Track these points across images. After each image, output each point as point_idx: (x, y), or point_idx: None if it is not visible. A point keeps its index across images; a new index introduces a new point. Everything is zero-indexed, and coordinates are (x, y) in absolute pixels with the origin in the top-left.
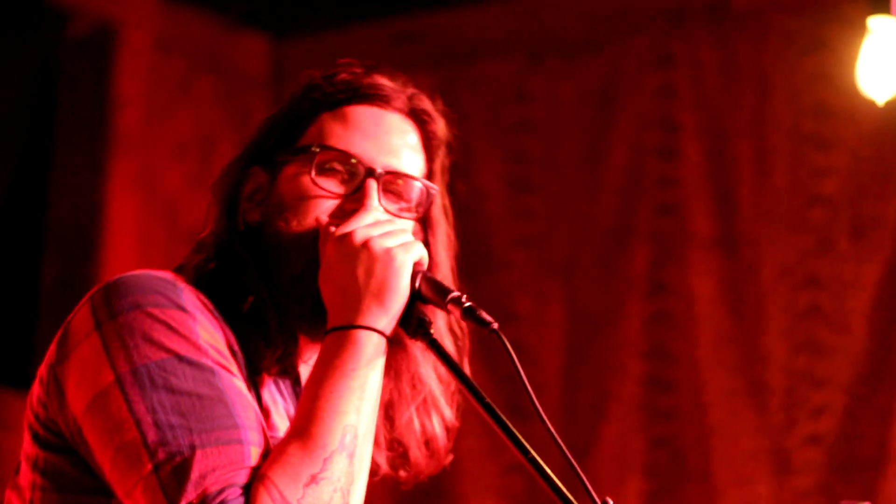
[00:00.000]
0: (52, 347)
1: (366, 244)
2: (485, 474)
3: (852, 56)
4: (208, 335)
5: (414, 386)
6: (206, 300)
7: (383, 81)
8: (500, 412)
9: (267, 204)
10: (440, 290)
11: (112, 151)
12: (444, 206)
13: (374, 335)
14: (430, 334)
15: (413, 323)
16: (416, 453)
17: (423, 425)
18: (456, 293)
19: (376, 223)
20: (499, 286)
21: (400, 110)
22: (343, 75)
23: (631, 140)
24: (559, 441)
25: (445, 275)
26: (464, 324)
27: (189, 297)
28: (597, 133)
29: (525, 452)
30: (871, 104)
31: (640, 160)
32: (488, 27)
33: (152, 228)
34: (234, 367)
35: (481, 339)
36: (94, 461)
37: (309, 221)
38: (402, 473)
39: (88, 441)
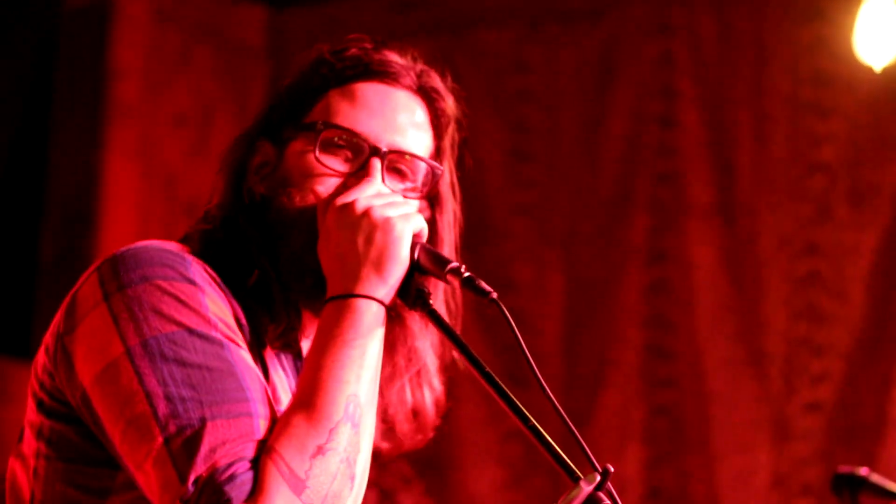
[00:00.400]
0: (59, 316)
1: (366, 213)
2: (483, 441)
3: (849, 24)
4: (217, 308)
5: (410, 359)
6: (213, 273)
7: (393, 58)
8: (500, 381)
9: (273, 178)
10: (439, 261)
11: (110, 122)
12: (451, 184)
13: (374, 304)
14: (430, 304)
15: (412, 294)
16: (403, 426)
17: (414, 398)
18: (455, 263)
19: (378, 194)
20: (498, 255)
21: (408, 87)
22: (353, 51)
23: (630, 109)
24: (560, 409)
25: (449, 253)
26: (458, 299)
27: (197, 269)
28: (596, 102)
29: (525, 420)
30: (869, 71)
31: (639, 129)
32: None
33: (151, 199)
34: (241, 340)
35: (480, 310)
36: (104, 432)
37: (311, 198)
38: (384, 445)
39: (98, 412)
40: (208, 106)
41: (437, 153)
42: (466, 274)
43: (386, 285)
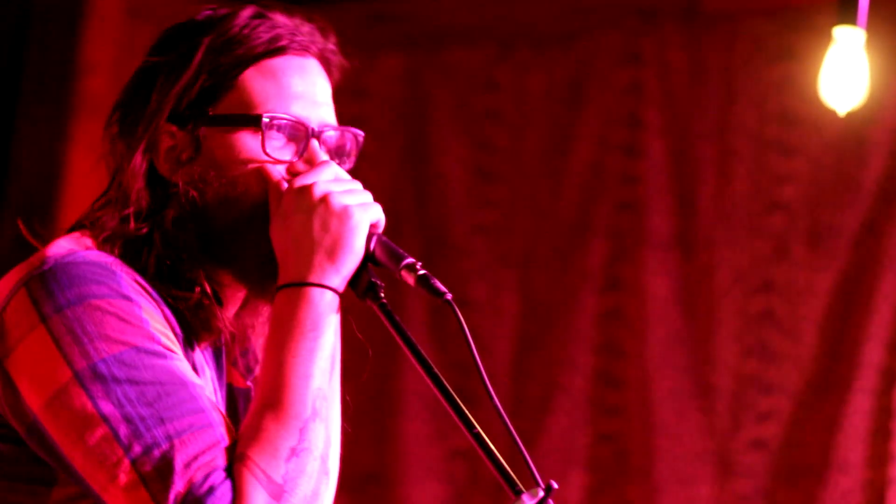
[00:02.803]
0: None
1: (325, 198)
2: (428, 458)
3: (819, 65)
4: (153, 320)
5: None
6: (138, 278)
7: (288, 23)
8: (446, 383)
9: (193, 166)
10: (395, 256)
11: (77, 117)
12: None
13: (328, 293)
14: (381, 298)
15: (364, 285)
16: None
17: None
18: (410, 259)
19: (336, 179)
20: (455, 272)
21: (314, 55)
22: (251, 26)
23: (596, 135)
24: (506, 420)
25: None
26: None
27: (127, 282)
28: (562, 126)
29: (470, 427)
30: (836, 113)
31: (603, 156)
32: (459, 14)
33: None
34: (179, 349)
35: (436, 323)
36: (60, 457)
37: (256, 185)
38: None
39: (52, 438)
40: None
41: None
42: (422, 272)
43: (339, 274)
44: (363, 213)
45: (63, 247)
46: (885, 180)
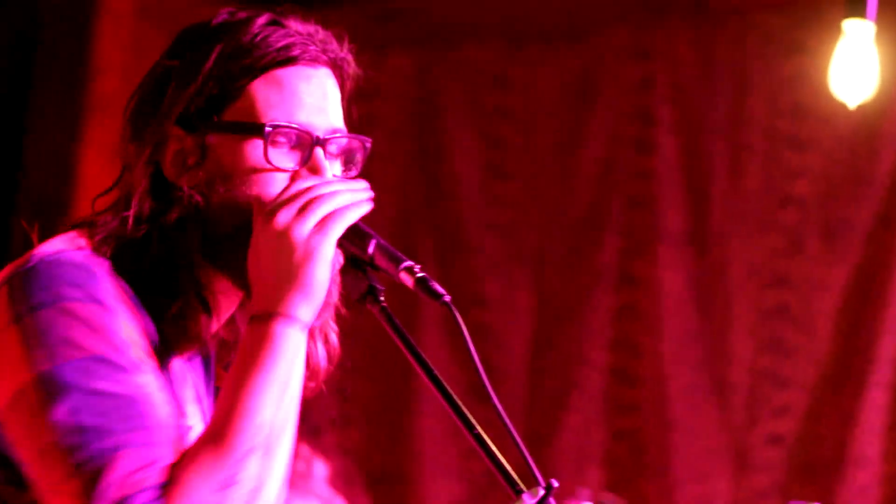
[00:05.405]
0: None
1: (285, 233)
2: (445, 456)
3: (830, 58)
4: (126, 329)
5: None
6: (123, 283)
7: (300, 31)
8: (446, 385)
9: (198, 172)
10: (393, 258)
11: (88, 118)
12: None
13: (295, 328)
14: (381, 302)
15: (364, 290)
16: None
17: (307, 350)
18: (409, 262)
19: (295, 197)
20: (469, 270)
21: (325, 64)
22: (263, 33)
23: (607, 131)
24: (503, 416)
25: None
26: None
27: (106, 287)
28: (574, 123)
29: (470, 428)
30: (847, 107)
31: (615, 152)
32: (469, 11)
33: None
34: (150, 362)
35: (451, 323)
36: (19, 457)
37: (259, 192)
38: None
39: (11, 436)
40: None
41: (348, 119)
42: (420, 274)
43: (310, 306)
44: (325, 238)
45: (53, 246)
46: None
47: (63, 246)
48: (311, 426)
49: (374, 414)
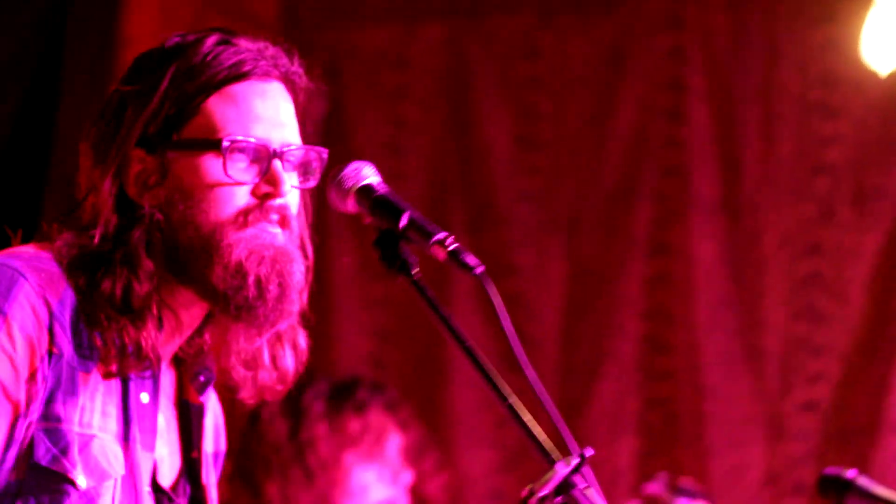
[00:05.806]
0: None
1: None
2: (479, 425)
3: (861, 27)
4: (15, 342)
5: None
6: (65, 296)
7: (250, 48)
8: (480, 355)
9: (159, 190)
10: (425, 232)
11: None
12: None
13: None
14: (413, 275)
15: (397, 262)
16: (264, 378)
17: (274, 355)
18: (441, 235)
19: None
20: (501, 240)
21: (277, 78)
22: (214, 52)
23: (639, 100)
24: (538, 386)
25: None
26: None
27: (23, 294)
28: (605, 92)
29: (504, 399)
30: (878, 75)
31: (647, 121)
32: None
33: None
34: (24, 377)
35: (485, 298)
36: None
37: (220, 211)
38: (246, 394)
39: None
40: None
41: (303, 129)
42: (452, 247)
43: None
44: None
45: (14, 249)
46: None
47: (24, 249)
48: (357, 401)
49: (408, 383)
